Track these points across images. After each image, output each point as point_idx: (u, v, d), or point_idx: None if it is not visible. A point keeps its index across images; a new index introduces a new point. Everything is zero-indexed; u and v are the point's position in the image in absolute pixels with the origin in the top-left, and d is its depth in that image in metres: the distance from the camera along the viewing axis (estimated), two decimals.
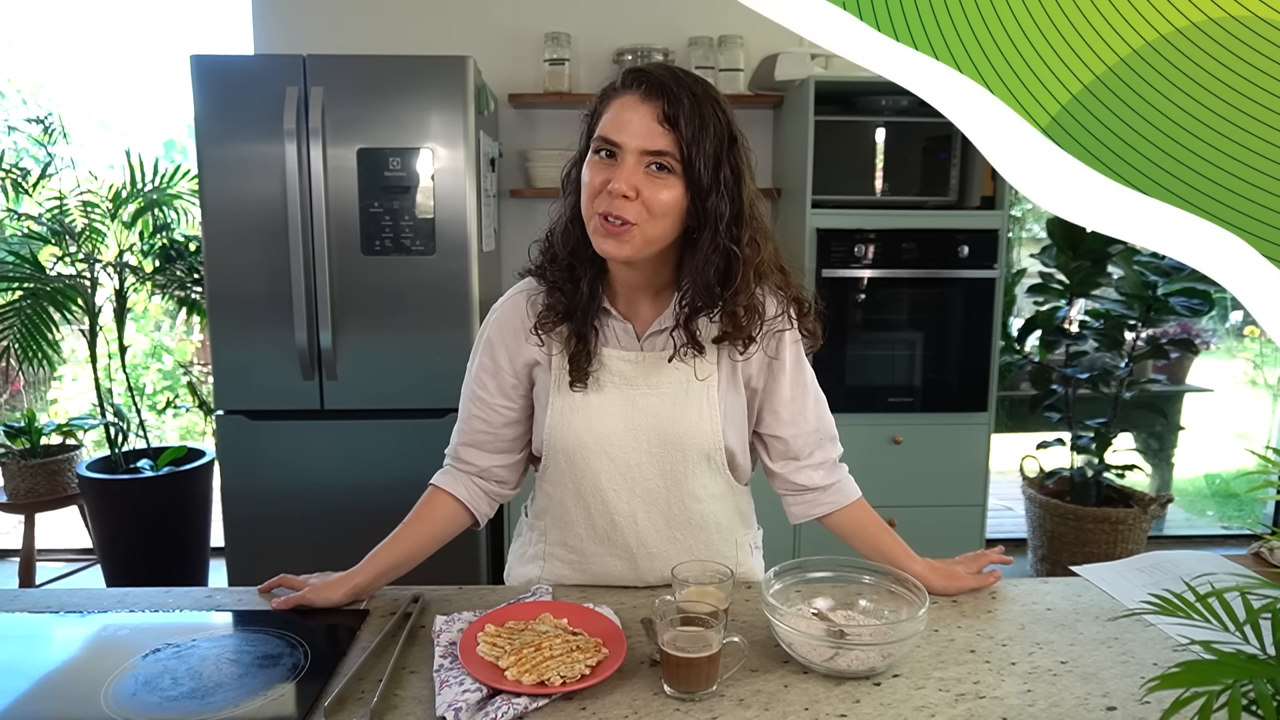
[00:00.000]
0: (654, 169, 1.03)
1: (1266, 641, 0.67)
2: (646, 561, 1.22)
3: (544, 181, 2.95)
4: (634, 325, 1.17)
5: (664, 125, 1.01)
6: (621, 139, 1.02)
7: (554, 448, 1.19)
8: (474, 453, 1.23)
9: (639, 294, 1.16)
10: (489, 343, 1.21)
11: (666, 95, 1.01)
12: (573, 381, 1.15)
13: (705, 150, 1.02)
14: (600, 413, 1.16)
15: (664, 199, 1.03)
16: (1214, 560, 1.32)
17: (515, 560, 1.34)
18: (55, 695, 0.95)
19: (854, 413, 2.72)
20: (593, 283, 1.13)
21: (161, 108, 5.55)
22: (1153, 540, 3.39)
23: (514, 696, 0.91)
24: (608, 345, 1.16)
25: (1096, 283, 2.99)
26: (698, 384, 1.15)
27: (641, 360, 1.15)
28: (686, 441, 1.16)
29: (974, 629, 1.11)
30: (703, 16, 3.04)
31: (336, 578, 1.17)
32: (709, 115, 1.03)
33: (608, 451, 1.17)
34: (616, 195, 1.01)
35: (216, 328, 2.45)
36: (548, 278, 1.15)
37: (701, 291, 1.08)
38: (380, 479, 2.48)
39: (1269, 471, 0.79)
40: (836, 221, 2.68)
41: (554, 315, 1.14)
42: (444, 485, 1.22)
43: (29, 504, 2.97)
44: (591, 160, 1.06)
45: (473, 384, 1.22)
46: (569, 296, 1.13)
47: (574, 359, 1.14)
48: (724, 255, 1.06)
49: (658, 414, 1.16)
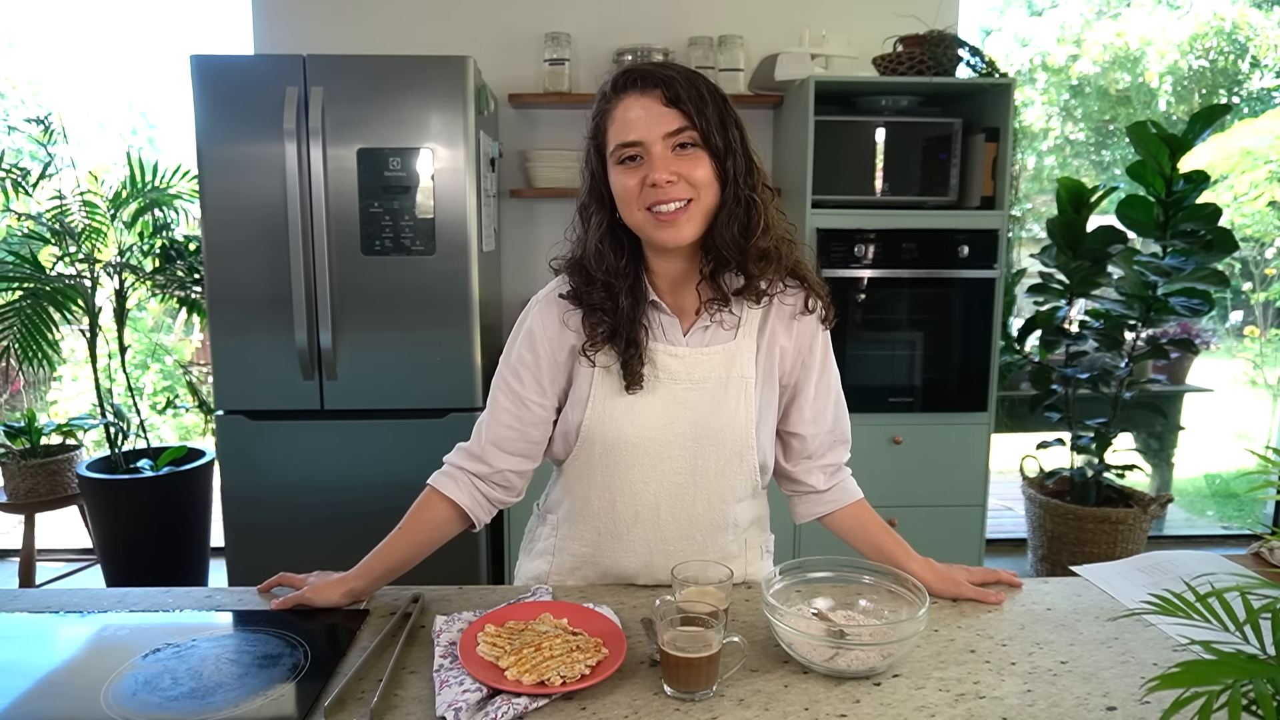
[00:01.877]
0: (680, 149, 1.07)
1: (1266, 641, 0.67)
2: (662, 558, 1.22)
3: (544, 181, 2.95)
4: (680, 318, 1.18)
5: (671, 106, 1.06)
6: (639, 135, 1.06)
7: (591, 439, 1.18)
8: (495, 452, 1.19)
9: (682, 287, 1.17)
10: (530, 334, 1.19)
11: (661, 82, 1.06)
12: (628, 385, 1.14)
13: (711, 118, 1.07)
14: (642, 406, 1.16)
15: (701, 172, 1.07)
16: (1214, 560, 1.32)
17: (524, 556, 1.34)
18: (55, 695, 0.95)
19: (854, 413, 2.65)
20: (634, 290, 1.14)
21: (161, 108, 5.55)
22: (1153, 540, 3.39)
23: (514, 696, 0.91)
24: (654, 340, 1.16)
25: (1096, 283, 2.99)
26: (736, 380, 1.17)
27: (687, 355, 1.16)
28: (721, 436, 1.17)
29: (974, 629, 1.11)
30: (703, 16, 3.04)
31: (335, 578, 1.17)
32: (701, 86, 1.08)
33: (644, 444, 1.17)
34: (661, 185, 1.05)
35: (216, 328, 2.45)
36: (585, 302, 1.15)
37: (728, 245, 1.11)
38: (380, 479, 2.48)
39: (1269, 471, 0.79)
40: (836, 221, 2.68)
41: (600, 333, 1.13)
42: (444, 490, 1.18)
43: (29, 504, 2.97)
44: (618, 170, 1.09)
45: (507, 377, 1.19)
46: (611, 315, 1.13)
47: (627, 364, 1.13)
48: (745, 206, 1.10)
49: (696, 408, 1.17)
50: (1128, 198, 2.91)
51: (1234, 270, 5.35)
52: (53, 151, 3.09)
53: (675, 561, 1.20)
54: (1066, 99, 6.52)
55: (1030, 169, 6.21)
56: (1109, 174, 6.53)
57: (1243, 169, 4.99)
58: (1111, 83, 6.35)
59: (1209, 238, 2.80)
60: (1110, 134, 6.58)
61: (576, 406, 1.18)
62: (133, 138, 5.78)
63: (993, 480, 2.85)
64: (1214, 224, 2.79)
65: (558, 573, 1.27)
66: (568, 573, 1.27)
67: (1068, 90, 6.49)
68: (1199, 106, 3.96)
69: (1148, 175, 2.83)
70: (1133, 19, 6.37)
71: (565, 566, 1.27)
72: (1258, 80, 6.25)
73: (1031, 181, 5.91)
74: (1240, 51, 6.18)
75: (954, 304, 2.76)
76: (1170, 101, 6.30)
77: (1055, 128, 6.60)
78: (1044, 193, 5.51)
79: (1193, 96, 6.28)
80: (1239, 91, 6.27)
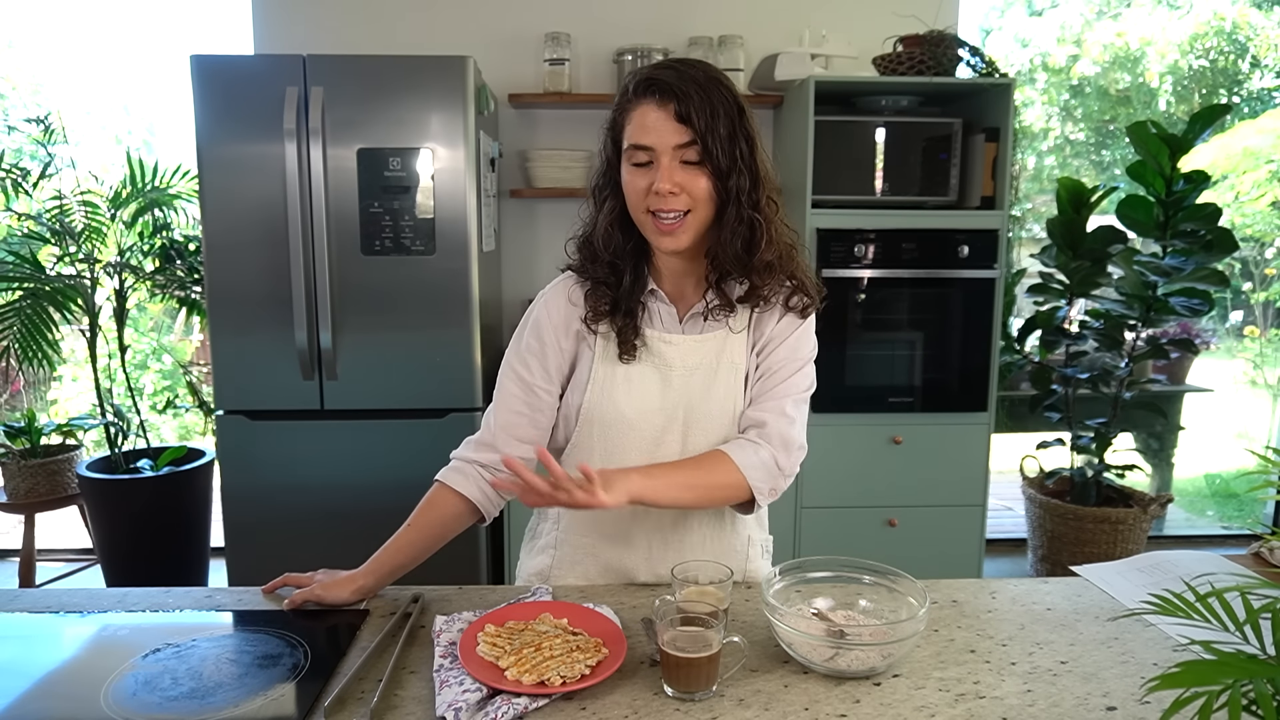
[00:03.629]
0: (686, 163, 1.12)
1: (1266, 641, 0.67)
2: (662, 550, 1.24)
3: (544, 181, 2.95)
4: (678, 309, 1.23)
5: (681, 122, 1.10)
6: (650, 141, 1.11)
7: (589, 419, 1.22)
8: (505, 438, 1.23)
9: (684, 279, 1.23)
10: (537, 323, 1.24)
11: (677, 96, 1.10)
12: (621, 354, 1.20)
13: (720, 135, 1.11)
14: (639, 388, 1.21)
15: (702, 187, 1.12)
16: (1214, 560, 1.32)
17: (525, 554, 1.35)
18: (55, 695, 0.95)
19: (854, 413, 2.72)
20: (636, 270, 1.22)
21: (161, 108, 5.55)
22: (1153, 540, 3.39)
23: (514, 696, 0.91)
24: (651, 327, 1.22)
25: (1096, 283, 2.99)
26: (727, 366, 1.22)
27: (681, 343, 1.22)
28: (710, 421, 1.20)
29: (974, 629, 1.11)
30: (703, 16, 3.04)
31: (344, 576, 1.17)
32: (718, 101, 1.11)
33: (639, 428, 1.21)
34: (664, 194, 1.11)
35: (216, 328, 2.45)
36: (591, 276, 1.22)
37: (731, 260, 1.16)
38: (380, 479, 2.48)
39: (1269, 471, 0.79)
40: (836, 221, 2.68)
41: (602, 305, 1.21)
42: (453, 484, 1.21)
43: (29, 504, 2.97)
44: (630, 169, 1.14)
45: (515, 365, 1.25)
46: (614, 289, 1.21)
47: (621, 333, 1.20)
48: (748, 225, 1.15)
49: (688, 393, 1.21)
50: (1128, 198, 2.91)
51: (1234, 270, 5.35)
52: (53, 151, 3.09)
53: (675, 555, 1.22)
54: (1066, 99, 6.52)
55: (1030, 169, 6.21)
56: (1109, 174, 6.53)
57: (1245, 168, 5.00)
58: (1111, 83, 6.35)
59: (1209, 238, 2.80)
60: (1110, 134, 6.58)
61: (577, 390, 1.23)
62: (132, 138, 5.78)
63: (993, 480, 2.85)
64: (1214, 224, 2.79)
65: (559, 567, 1.28)
66: (570, 567, 1.28)
67: (1068, 90, 6.49)
68: (1199, 106, 3.97)
69: (1148, 175, 2.83)
70: (1133, 19, 6.37)
71: (567, 560, 1.28)
72: (1258, 80, 6.25)
73: (1031, 181, 5.91)
74: (1240, 51, 6.19)
75: (954, 304, 2.76)
76: (1170, 101, 6.30)
77: (1055, 128, 6.60)
78: (1044, 193, 5.51)
79: (1193, 96, 6.28)
80: (1239, 91, 6.27)
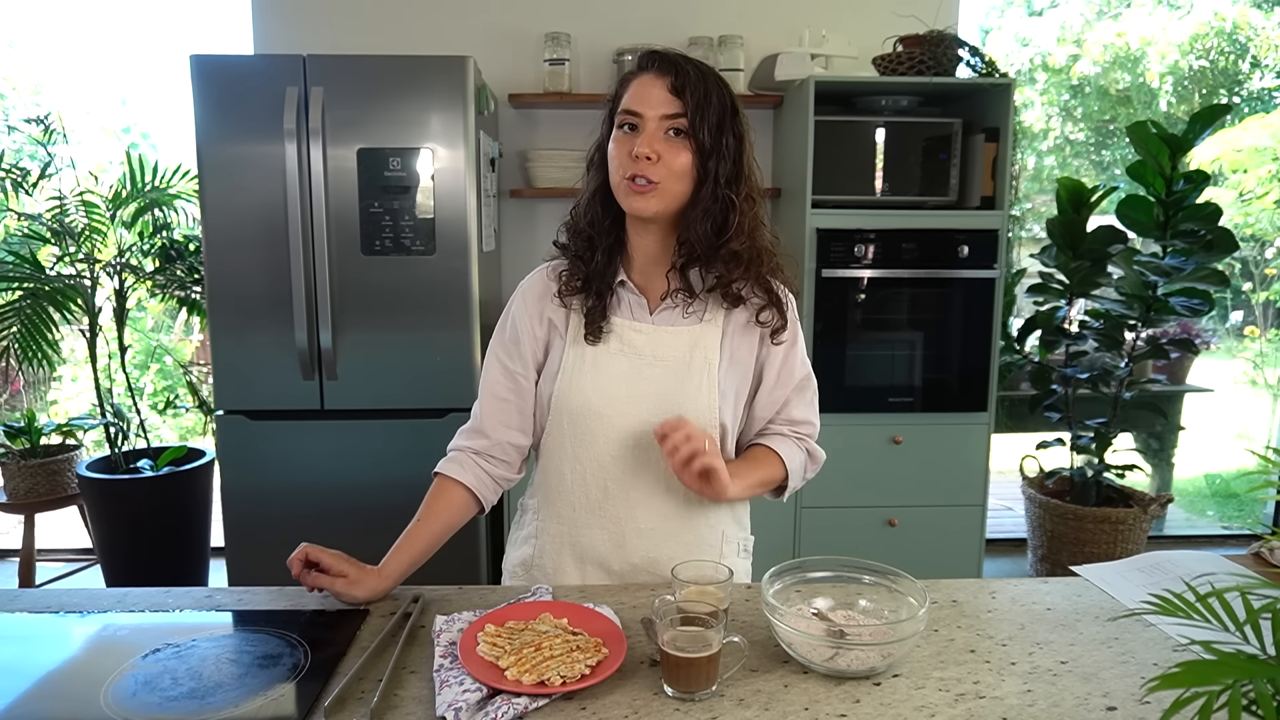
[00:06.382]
0: (671, 134, 1.16)
1: (1266, 641, 0.67)
2: (635, 538, 1.25)
3: (544, 181, 2.95)
4: (648, 299, 1.25)
5: (674, 94, 1.15)
6: (641, 108, 1.16)
7: (560, 408, 1.24)
8: (493, 423, 1.27)
9: (655, 266, 1.25)
10: (514, 313, 1.29)
11: (676, 70, 1.16)
12: (587, 334, 1.23)
13: (709, 117, 1.15)
14: (608, 376, 1.23)
15: (682, 160, 1.16)
16: (1214, 560, 1.32)
17: (510, 545, 1.38)
18: (55, 695, 0.95)
19: (854, 413, 2.72)
20: (609, 252, 1.24)
21: (161, 108, 5.55)
22: (1153, 540, 3.39)
23: (514, 696, 0.91)
24: (619, 314, 1.25)
25: (1096, 283, 2.99)
26: (700, 362, 1.23)
27: (651, 332, 1.24)
28: (683, 414, 1.20)
29: (974, 629, 1.11)
30: (703, 16, 3.04)
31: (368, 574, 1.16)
32: (712, 89, 1.17)
33: (609, 416, 1.22)
34: (641, 158, 1.14)
35: (216, 328, 2.45)
36: (570, 249, 1.26)
37: (699, 240, 1.18)
38: (380, 479, 2.48)
39: (1269, 471, 0.79)
40: (836, 221, 2.68)
41: (575, 280, 1.24)
42: (451, 473, 1.25)
43: (29, 504, 2.97)
44: (617, 135, 1.19)
45: (498, 353, 1.29)
46: (587, 264, 1.24)
47: (589, 315, 1.23)
48: (722, 206, 1.17)
49: (660, 384, 1.23)
50: (1128, 198, 2.91)
51: (1234, 270, 5.35)
52: (53, 151, 3.09)
53: (648, 544, 1.25)
54: (1066, 99, 6.52)
55: (1030, 169, 6.22)
56: (1109, 174, 6.53)
57: (1250, 165, 4.99)
58: (1112, 83, 6.35)
59: (1209, 238, 2.80)
60: (1110, 134, 6.58)
61: (548, 379, 1.27)
62: (132, 137, 5.78)
63: (993, 480, 2.85)
64: (1214, 224, 2.79)
65: (540, 555, 1.30)
66: (548, 556, 1.29)
67: (1068, 90, 6.49)
68: (1199, 107, 3.96)
69: (1148, 175, 2.83)
70: (1133, 19, 6.37)
71: (546, 549, 1.30)
72: (1258, 80, 6.25)
73: (1031, 181, 5.92)
74: (1240, 51, 6.19)
75: (954, 304, 2.76)
76: (1171, 101, 6.30)
77: (1055, 128, 6.60)
78: (1044, 193, 5.52)
79: (1193, 96, 6.28)
80: (1239, 91, 6.27)
